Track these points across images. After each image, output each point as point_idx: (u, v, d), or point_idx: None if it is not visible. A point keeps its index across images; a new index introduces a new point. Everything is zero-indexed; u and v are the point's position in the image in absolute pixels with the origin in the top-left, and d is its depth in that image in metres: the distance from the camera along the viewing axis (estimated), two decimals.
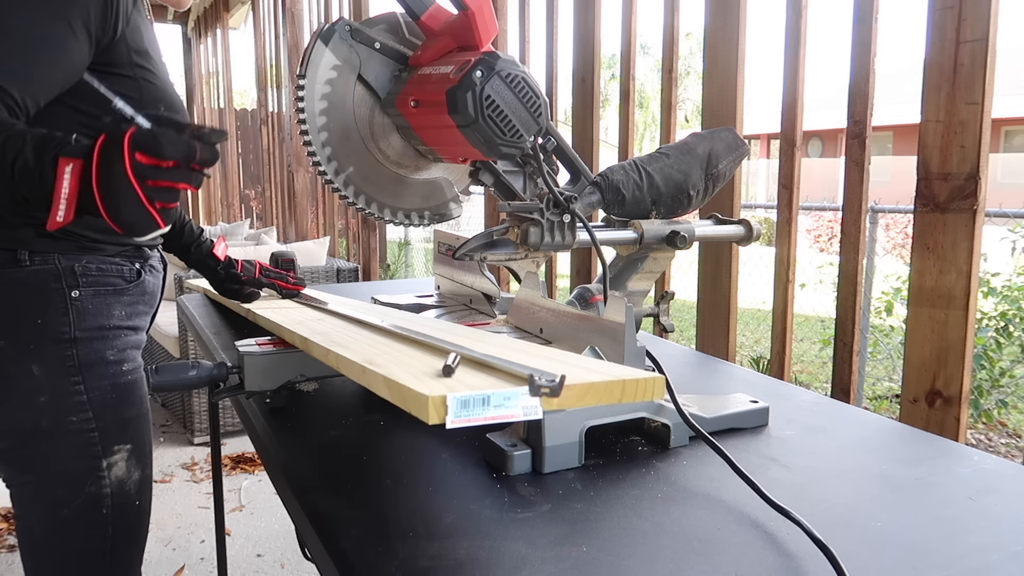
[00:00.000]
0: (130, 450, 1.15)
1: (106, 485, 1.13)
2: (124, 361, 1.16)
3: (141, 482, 1.18)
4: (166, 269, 1.32)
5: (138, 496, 1.18)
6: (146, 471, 1.20)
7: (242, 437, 3.43)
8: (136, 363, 1.19)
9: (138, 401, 1.18)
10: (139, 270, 1.20)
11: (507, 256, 1.04)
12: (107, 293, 1.14)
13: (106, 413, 1.13)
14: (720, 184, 1.18)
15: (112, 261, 1.15)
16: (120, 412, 1.15)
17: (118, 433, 1.14)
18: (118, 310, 1.15)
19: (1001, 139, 15.92)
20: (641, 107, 22.69)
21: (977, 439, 3.79)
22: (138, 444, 1.17)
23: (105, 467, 1.13)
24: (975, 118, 1.19)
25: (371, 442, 0.97)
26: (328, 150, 1.06)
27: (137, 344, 1.20)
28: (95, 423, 1.11)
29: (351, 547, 0.70)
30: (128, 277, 1.18)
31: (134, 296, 1.19)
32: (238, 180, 6.62)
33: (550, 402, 0.66)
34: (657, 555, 0.68)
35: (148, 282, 1.23)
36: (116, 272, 1.16)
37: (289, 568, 2.50)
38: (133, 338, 1.19)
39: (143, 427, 1.19)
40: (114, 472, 1.14)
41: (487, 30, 0.98)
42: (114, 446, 1.13)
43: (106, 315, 1.14)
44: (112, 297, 1.15)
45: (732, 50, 1.65)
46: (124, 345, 1.16)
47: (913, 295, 1.29)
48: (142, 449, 1.18)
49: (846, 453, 0.94)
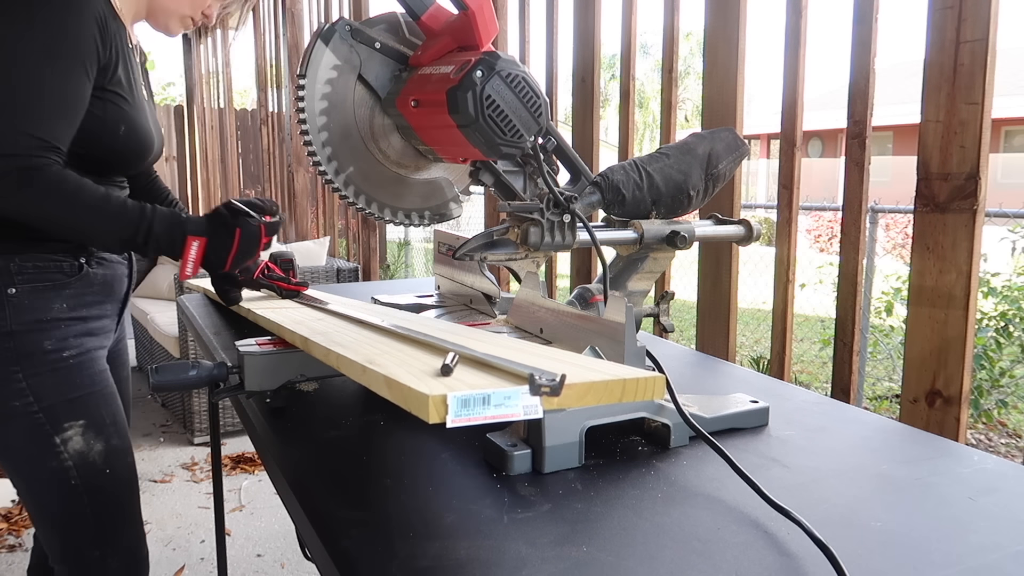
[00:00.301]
0: (84, 425, 1.24)
1: (66, 459, 1.23)
2: (66, 349, 1.24)
3: (108, 453, 1.27)
4: (132, 262, 1.41)
5: (107, 465, 1.27)
6: (111, 441, 1.28)
7: (242, 437, 3.43)
8: (84, 348, 1.27)
9: (87, 381, 1.26)
10: (81, 264, 1.27)
11: (507, 256, 1.04)
12: (45, 288, 1.22)
13: (48, 396, 1.21)
14: (720, 184, 1.18)
15: (51, 258, 1.23)
16: (64, 393, 1.23)
17: (66, 412, 1.23)
18: (58, 303, 1.23)
19: (1001, 139, 15.93)
20: (641, 107, 22.70)
21: (977, 439, 3.79)
22: (93, 419, 1.25)
23: (59, 443, 1.22)
24: (975, 118, 1.19)
25: (371, 442, 0.97)
26: (328, 150, 1.06)
27: (87, 332, 1.28)
28: (38, 405, 1.21)
29: (351, 547, 0.70)
30: (68, 271, 1.25)
31: (78, 289, 1.27)
32: (238, 180, 6.62)
33: (550, 401, 0.66)
34: (657, 555, 0.68)
35: (95, 274, 1.30)
36: (55, 268, 1.23)
37: (289, 568, 2.50)
38: (79, 327, 1.27)
39: (97, 404, 1.27)
40: (71, 446, 1.23)
41: (487, 30, 0.98)
42: (64, 423, 1.22)
43: (43, 309, 1.22)
44: (51, 292, 1.23)
45: (732, 50, 1.65)
46: (66, 334, 1.24)
47: (913, 295, 1.29)
48: (99, 423, 1.26)
49: (846, 453, 0.94)
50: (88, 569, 1.28)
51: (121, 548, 1.30)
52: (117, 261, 1.35)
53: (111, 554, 1.29)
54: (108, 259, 1.32)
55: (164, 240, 1.14)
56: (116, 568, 1.30)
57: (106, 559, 1.28)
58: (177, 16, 1.34)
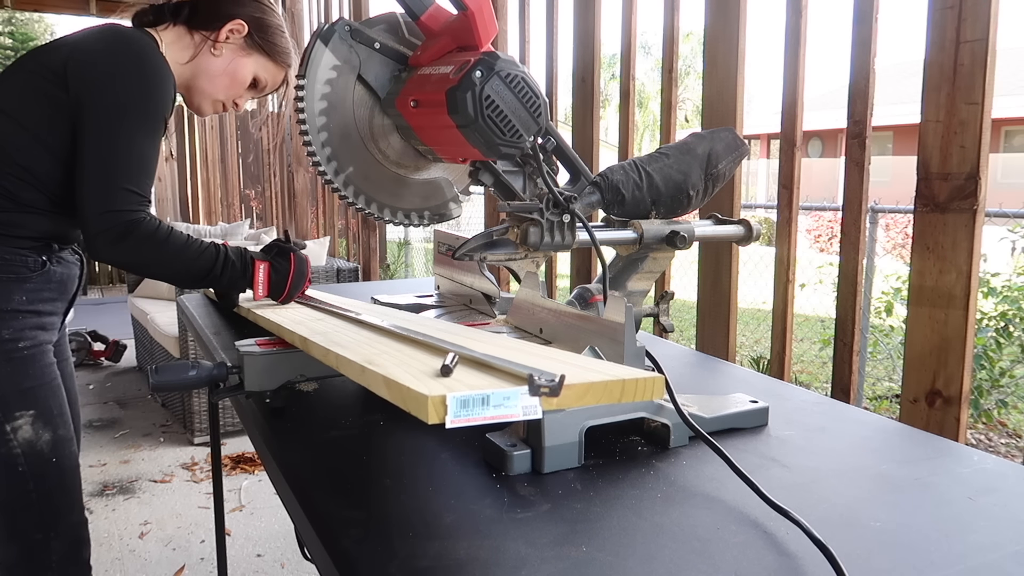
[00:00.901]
0: (34, 415, 1.30)
1: (15, 446, 1.29)
2: (21, 340, 1.29)
3: (54, 442, 1.33)
4: (83, 265, 1.46)
5: (53, 454, 1.33)
6: (58, 431, 1.34)
7: (242, 437, 3.43)
8: (37, 341, 1.33)
9: (39, 373, 1.32)
10: (44, 260, 1.32)
11: (507, 256, 1.04)
12: (9, 280, 1.28)
13: (2, 384, 1.28)
14: (720, 184, 1.18)
15: (19, 252, 1.28)
16: (17, 383, 1.29)
17: (17, 401, 1.29)
18: (19, 295, 1.29)
19: (1001, 139, 15.92)
20: (640, 107, 22.71)
21: (977, 439, 3.79)
22: (42, 409, 1.32)
23: (10, 430, 1.28)
24: (975, 118, 1.19)
25: (371, 442, 0.97)
26: (328, 150, 1.06)
27: (40, 326, 1.34)
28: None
29: (351, 547, 0.70)
30: (32, 267, 1.30)
31: (38, 284, 1.32)
32: (238, 180, 6.62)
33: (550, 402, 0.66)
34: (657, 555, 0.68)
35: (55, 272, 1.35)
36: (20, 262, 1.28)
37: (289, 568, 2.50)
38: (34, 320, 1.32)
39: (46, 395, 1.33)
40: (20, 434, 1.29)
41: (487, 30, 0.98)
42: (15, 412, 1.28)
43: (5, 299, 1.28)
44: (13, 284, 1.29)
45: (732, 50, 1.65)
46: (23, 326, 1.30)
47: (913, 295, 1.29)
48: (47, 414, 1.32)
49: (846, 453, 0.94)
50: (32, 551, 1.34)
51: (63, 532, 1.36)
52: (72, 262, 1.41)
53: (54, 537, 1.34)
54: (66, 259, 1.38)
55: (238, 267, 1.30)
56: (59, 549, 1.36)
57: (49, 541, 1.34)
58: (210, 100, 1.44)
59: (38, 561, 1.34)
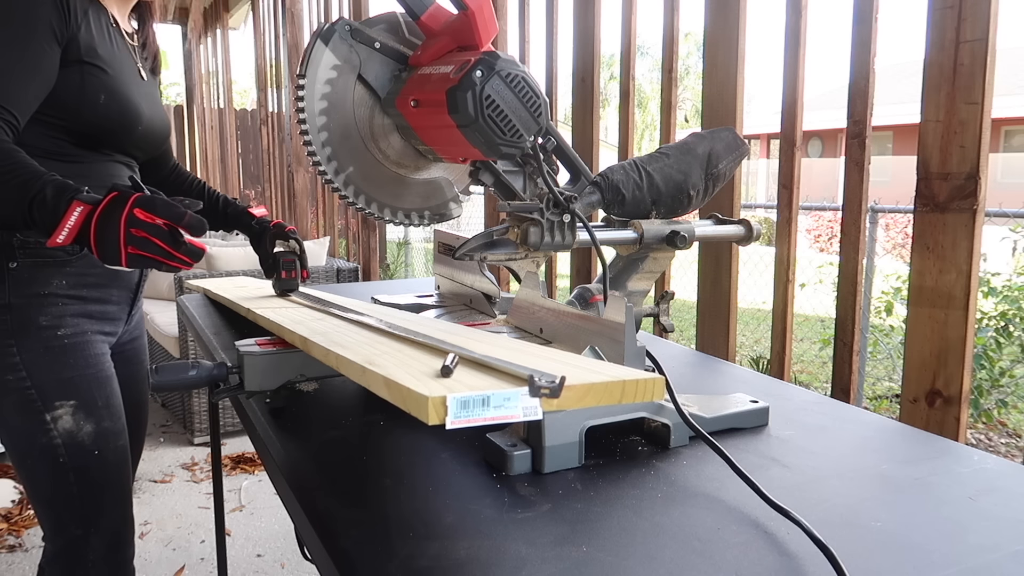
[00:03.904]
0: (75, 405, 1.26)
1: (55, 436, 1.25)
2: (60, 327, 1.26)
3: (97, 434, 1.29)
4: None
5: (96, 446, 1.29)
6: (103, 423, 1.30)
7: (242, 437, 3.43)
8: (80, 329, 1.29)
9: (81, 362, 1.28)
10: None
11: (507, 256, 1.04)
12: (46, 264, 1.25)
13: (40, 372, 1.24)
14: (720, 184, 1.18)
15: None
16: (56, 372, 1.25)
17: (57, 390, 1.25)
18: (58, 279, 1.26)
19: (1001, 139, 15.93)
20: (640, 107, 22.71)
21: (977, 439, 3.79)
22: (85, 400, 1.27)
23: (50, 420, 1.25)
24: (975, 118, 1.19)
25: (371, 442, 0.97)
26: (328, 150, 1.06)
27: (86, 313, 1.30)
28: (30, 381, 1.23)
29: (351, 547, 0.70)
30: (71, 250, 1.26)
31: (80, 268, 1.28)
32: (238, 180, 6.62)
33: (550, 403, 0.66)
34: (657, 555, 0.68)
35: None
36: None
37: (289, 568, 2.50)
38: (76, 307, 1.29)
39: (89, 385, 1.29)
40: (60, 425, 1.25)
41: (487, 30, 0.98)
42: (55, 402, 1.25)
43: (43, 283, 1.24)
44: (52, 268, 1.25)
45: (732, 50, 1.65)
46: (63, 312, 1.26)
47: (913, 295, 1.29)
48: (90, 404, 1.28)
49: (846, 453, 0.94)
50: (71, 547, 1.30)
51: (104, 528, 1.32)
52: None
53: (94, 533, 1.31)
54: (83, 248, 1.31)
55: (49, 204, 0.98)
56: (98, 547, 1.31)
57: (89, 538, 1.30)
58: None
59: (76, 557, 1.31)
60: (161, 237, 0.96)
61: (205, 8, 6.50)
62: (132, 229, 0.95)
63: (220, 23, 6.23)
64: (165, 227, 0.96)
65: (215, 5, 6.21)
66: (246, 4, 5.76)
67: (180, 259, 0.99)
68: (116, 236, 0.95)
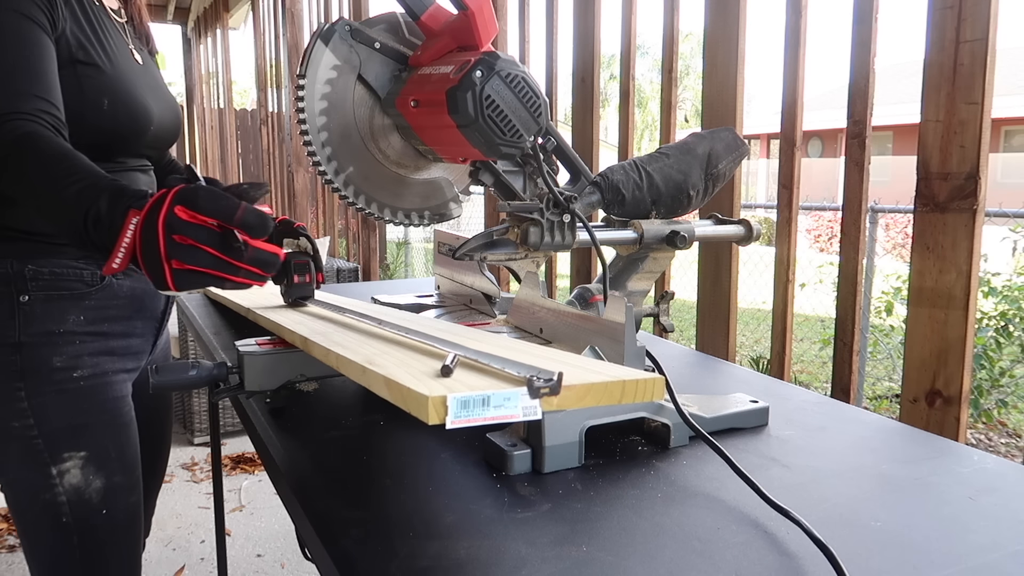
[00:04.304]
0: (85, 457, 1.12)
1: (60, 493, 1.11)
2: (77, 367, 1.12)
3: (106, 491, 1.14)
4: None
5: (105, 504, 1.14)
6: (114, 478, 1.15)
7: (242, 437, 3.43)
8: (100, 370, 1.15)
9: (97, 407, 1.14)
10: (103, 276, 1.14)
11: (507, 256, 1.04)
12: (61, 298, 1.11)
13: (50, 420, 1.10)
14: (720, 184, 1.18)
15: (71, 265, 1.12)
16: (69, 418, 1.11)
17: (67, 440, 1.11)
18: (74, 315, 1.12)
19: (1001, 139, 15.93)
20: (640, 107, 22.73)
21: (977, 439, 3.79)
22: (96, 451, 1.13)
23: (55, 474, 1.10)
24: (975, 118, 1.19)
25: (371, 442, 0.97)
26: (328, 150, 1.06)
27: (107, 351, 1.16)
28: (37, 429, 1.09)
29: (351, 547, 0.70)
30: (89, 281, 1.14)
31: (100, 301, 1.15)
32: (238, 180, 6.62)
33: (550, 403, 0.66)
34: (657, 555, 0.68)
35: (121, 285, 1.18)
36: (74, 276, 1.12)
37: (289, 568, 2.50)
38: (97, 344, 1.15)
39: (103, 434, 1.14)
40: (67, 480, 1.11)
41: (487, 30, 0.98)
42: (63, 453, 1.11)
43: (57, 320, 1.11)
44: (67, 302, 1.12)
45: (732, 50, 1.65)
46: (80, 352, 1.12)
47: (913, 295, 1.29)
48: (102, 456, 1.14)
49: (846, 453, 0.94)
50: None
51: None
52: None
53: None
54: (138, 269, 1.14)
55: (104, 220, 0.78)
56: None
57: None
58: None
59: None
60: (212, 243, 0.73)
61: (205, 8, 6.50)
62: (174, 235, 0.72)
63: (220, 23, 6.23)
64: (217, 228, 0.74)
65: (215, 5, 6.21)
66: (246, 4, 5.76)
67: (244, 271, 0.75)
68: (156, 249, 0.72)
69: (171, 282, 0.73)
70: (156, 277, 0.74)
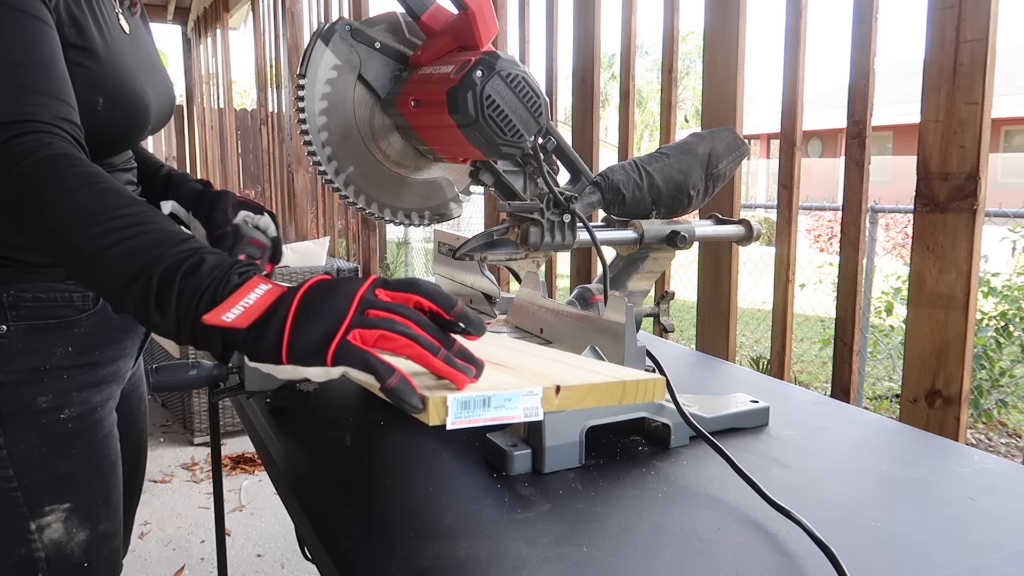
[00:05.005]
0: (69, 509, 0.99)
1: (38, 548, 0.98)
2: (64, 407, 0.98)
3: (90, 542, 1.03)
4: None
5: (85, 557, 1.03)
6: (98, 528, 1.04)
7: (242, 437, 3.43)
8: (89, 406, 1.02)
9: (85, 451, 1.01)
10: (98, 296, 1.01)
11: (507, 256, 1.04)
12: (46, 328, 0.97)
13: (32, 469, 0.97)
14: (720, 184, 1.18)
15: (58, 288, 0.98)
16: (52, 467, 0.98)
17: (50, 491, 0.98)
18: (62, 347, 0.98)
19: (1001, 139, 15.93)
20: (640, 107, 22.73)
21: (977, 439, 3.79)
22: (82, 501, 1.01)
23: (34, 529, 0.98)
24: (975, 118, 1.19)
25: (371, 442, 0.97)
26: (328, 150, 1.06)
27: (97, 382, 1.04)
28: (16, 481, 0.96)
29: (351, 547, 0.70)
30: (81, 306, 1.00)
31: (91, 326, 1.02)
32: (238, 180, 6.62)
33: (551, 404, 0.66)
34: (657, 555, 0.68)
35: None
36: (63, 301, 0.98)
37: (289, 568, 2.50)
38: (86, 376, 1.02)
39: (91, 481, 1.02)
40: (47, 535, 0.98)
41: (487, 30, 0.98)
42: (45, 506, 0.98)
43: (42, 355, 0.97)
44: (54, 332, 0.97)
45: (732, 50, 1.65)
46: (68, 388, 0.99)
47: (913, 295, 1.29)
48: (88, 506, 1.02)
49: (846, 453, 0.94)
50: None
51: None
52: None
53: None
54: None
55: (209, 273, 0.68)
56: None
57: None
58: None
59: None
60: (420, 322, 0.65)
61: (205, 8, 6.50)
62: (368, 310, 0.64)
63: (220, 23, 6.23)
64: (425, 312, 0.66)
65: (215, 5, 6.21)
66: (246, 4, 5.76)
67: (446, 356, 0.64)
68: (335, 317, 0.63)
69: (331, 353, 0.62)
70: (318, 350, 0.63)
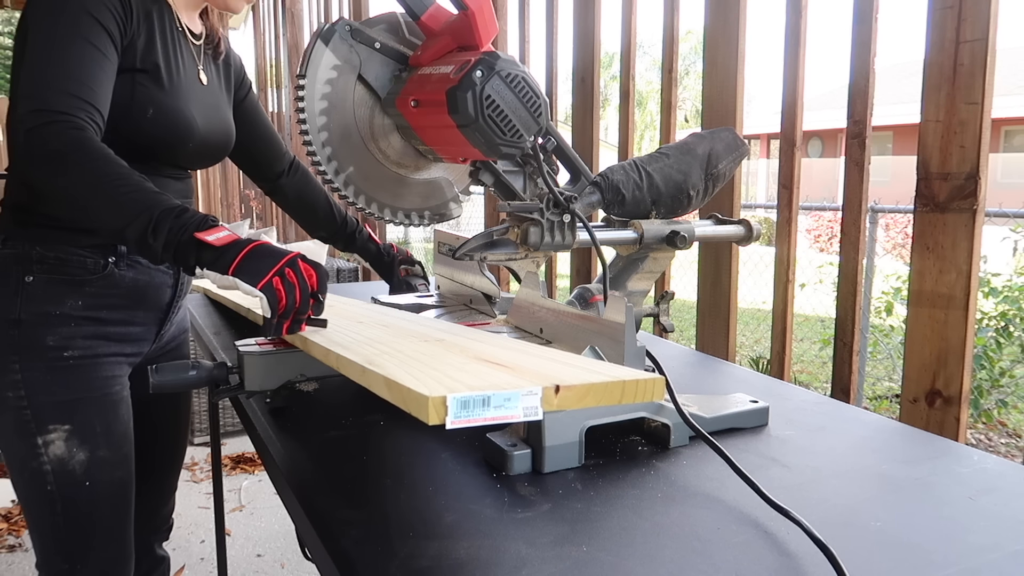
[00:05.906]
0: (69, 431, 1.19)
1: (45, 462, 1.18)
2: (68, 348, 1.19)
3: (90, 463, 1.20)
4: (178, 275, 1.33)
5: (88, 477, 1.20)
6: (98, 452, 1.21)
7: (242, 437, 3.43)
8: (92, 352, 1.21)
9: (84, 385, 1.20)
10: (107, 263, 1.21)
11: (507, 256, 1.04)
12: (62, 282, 1.18)
13: (38, 393, 1.17)
14: (720, 184, 1.18)
15: (77, 252, 1.18)
16: (55, 395, 1.18)
17: (53, 414, 1.18)
18: (72, 299, 1.19)
19: (1001, 139, 15.92)
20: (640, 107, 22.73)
21: (977, 439, 3.79)
22: (80, 426, 1.19)
23: (41, 444, 1.18)
24: (975, 118, 1.18)
25: (371, 442, 0.97)
26: (328, 150, 1.06)
27: (103, 335, 1.22)
28: (27, 401, 1.17)
29: (351, 547, 0.70)
30: (92, 268, 1.20)
31: (99, 288, 1.21)
32: (238, 180, 6.62)
33: (550, 403, 0.66)
34: (657, 555, 0.68)
35: (123, 276, 1.23)
36: (78, 263, 1.19)
37: (289, 568, 2.50)
38: (92, 328, 1.21)
39: (88, 410, 1.21)
40: (51, 450, 1.18)
41: (487, 30, 0.98)
42: (49, 425, 1.18)
43: (56, 302, 1.18)
44: (67, 286, 1.19)
45: (732, 50, 1.65)
46: (74, 333, 1.19)
47: (913, 295, 1.29)
48: (86, 430, 1.20)
49: (846, 453, 0.94)
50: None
51: (92, 566, 1.23)
52: (156, 268, 1.28)
53: (81, 569, 1.22)
54: (141, 264, 1.25)
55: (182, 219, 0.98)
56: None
57: (75, 573, 1.22)
58: None
59: None
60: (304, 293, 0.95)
61: None
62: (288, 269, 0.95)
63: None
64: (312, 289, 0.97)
65: None
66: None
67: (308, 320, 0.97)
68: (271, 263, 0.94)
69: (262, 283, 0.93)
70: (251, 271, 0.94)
